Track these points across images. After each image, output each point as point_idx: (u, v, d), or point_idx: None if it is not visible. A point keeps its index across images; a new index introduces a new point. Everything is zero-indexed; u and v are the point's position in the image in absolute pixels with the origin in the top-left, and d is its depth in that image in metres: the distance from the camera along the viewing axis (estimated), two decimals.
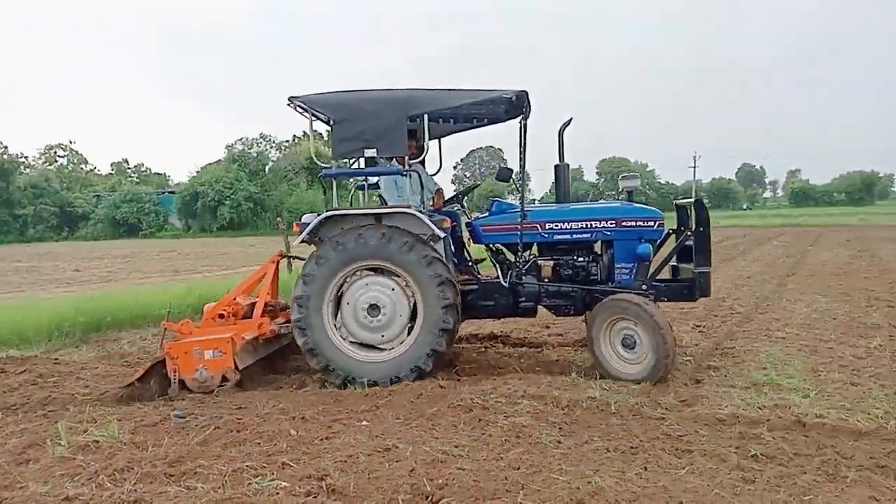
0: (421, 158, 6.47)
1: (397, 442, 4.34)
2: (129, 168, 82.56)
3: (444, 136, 7.70)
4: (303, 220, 6.25)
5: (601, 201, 7.45)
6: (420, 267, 5.82)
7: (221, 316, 6.45)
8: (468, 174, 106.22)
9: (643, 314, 5.58)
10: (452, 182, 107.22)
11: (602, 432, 4.51)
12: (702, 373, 6.08)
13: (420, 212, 6.03)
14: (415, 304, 5.98)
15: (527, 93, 6.03)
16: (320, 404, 5.34)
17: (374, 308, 5.95)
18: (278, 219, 13.65)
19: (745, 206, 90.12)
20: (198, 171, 55.34)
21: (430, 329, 5.85)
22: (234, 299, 6.65)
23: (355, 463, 4.01)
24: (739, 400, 5.08)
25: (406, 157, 6.26)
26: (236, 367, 5.91)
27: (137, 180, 73.54)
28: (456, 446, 4.27)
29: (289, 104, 6.07)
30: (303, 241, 6.24)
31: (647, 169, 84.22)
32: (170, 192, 57.89)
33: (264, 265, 6.87)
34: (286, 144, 59.46)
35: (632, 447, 4.21)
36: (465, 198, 7.32)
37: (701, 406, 5.01)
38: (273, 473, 3.88)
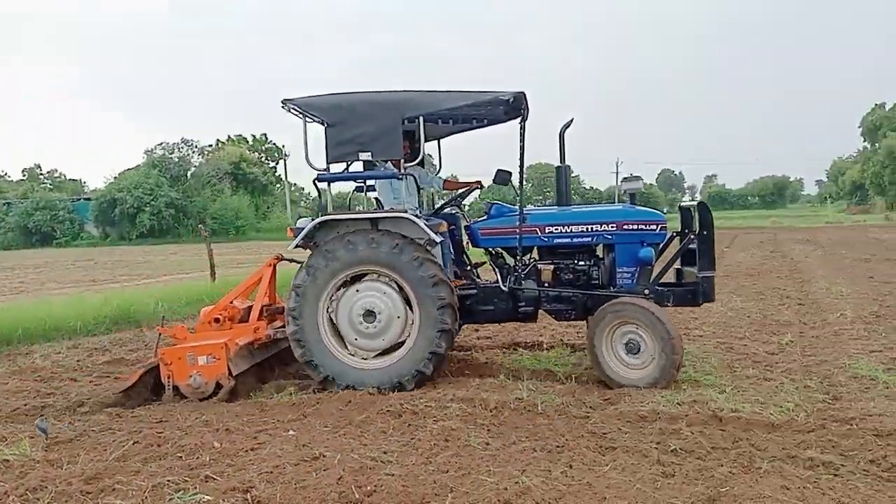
0: (417, 161, 6.35)
1: (325, 450, 4.28)
2: (41, 174, 79.01)
3: (444, 137, 7.55)
4: (297, 225, 6.11)
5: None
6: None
7: (217, 320, 6.28)
8: None
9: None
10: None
11: (529, 432, 4.57)
12: None
13: (416, 216, 5.90)
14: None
15: (524, 94, 5.92)
16: (245, 415, 5.23)
17: (369, 314, 5.80)
18: (200, 226, 13.29)
19: (665, 210, 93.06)
20: (115, 177, 53.01)
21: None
22: (231, 303, 6.47)
23: (281, 473, 3.93)
24: (660, 397, 5.22)
25: (401, 161, 6.12)
26: (230, 374, 5.76)
27: (51, 187, 70.29)
28: (385, 452, 4.25)
29: (282, 107, 5.90)
30: (297, 247, 6.07)
31: (573, 175, 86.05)
32: (86, 199, 55.39)
33: (261, 268, 6.67)
34: (209, 149, 58.00)
35: (558, 446, 4.29)
36: (463, 200, 7.13)
37: (624, 404, 5.14)
38: (195, 487, 3.76)
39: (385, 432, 4.66)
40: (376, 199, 6.78)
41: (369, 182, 6.68)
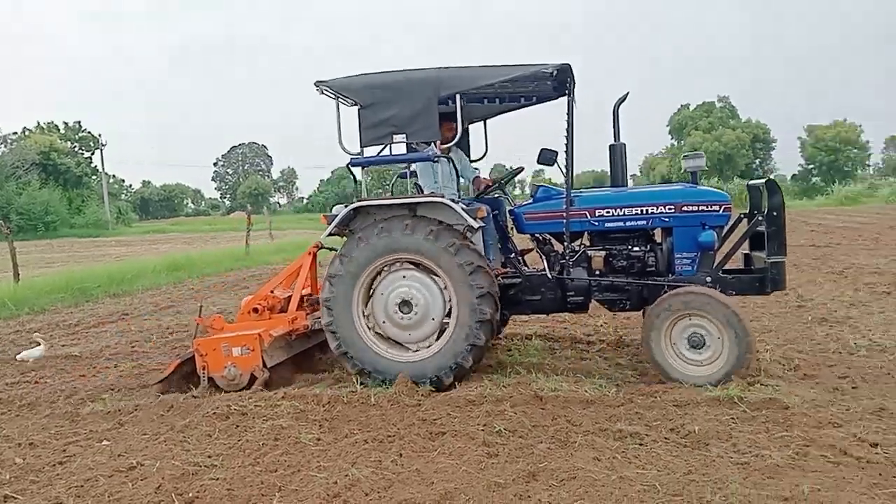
0: (454, 143, 5.94)
1: (143, 459, 4.06)
2: None
3: (491, 116, 7.10)
4: (333, 212, 5.72)
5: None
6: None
7: (256, 310, 6.02)
8: (230, 171, 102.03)
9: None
10: (213, 179, 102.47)
11: (361, 424, 4.60)
12: None
13: (454, 201, 5.56)
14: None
15: (570, 66, 5.55)
16: (53, 427, 4.85)
17: (405, 304, 5.46)
18: (1, 222, 12.03)
19: None
20: None
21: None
22: (271, 292, 6.10)
23: (94, 486, 3.69)
24: (487, 381, 5.44)
25: (438, 143, 5.75)
26: (265, 365, 5.57)
27: None
28: (209, 456, 4.10)
29: (316, 88, 5.52)
30: (332, 234, 5.69)
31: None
32: None
33: (301, 256, 6.31)
34: (13, 137, 52.66)
35: (389, 436, 4.35)
36: (508, 183, 6.79)
37: (454, 390, 5.31)
38: None
39: (210, 436, 4.49)
40: (416, 184, 6.47)
41: (412, 167, 6.40)
